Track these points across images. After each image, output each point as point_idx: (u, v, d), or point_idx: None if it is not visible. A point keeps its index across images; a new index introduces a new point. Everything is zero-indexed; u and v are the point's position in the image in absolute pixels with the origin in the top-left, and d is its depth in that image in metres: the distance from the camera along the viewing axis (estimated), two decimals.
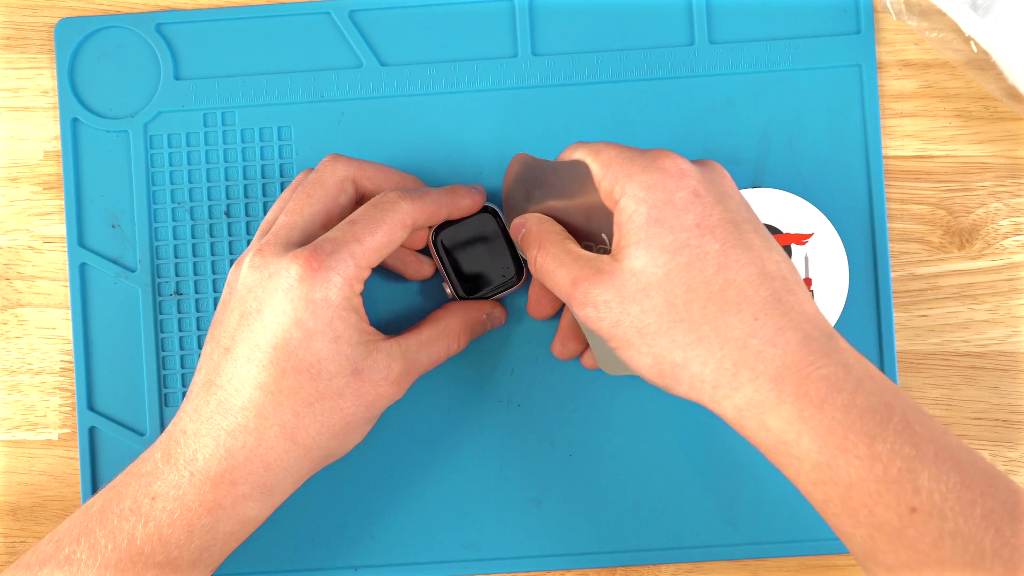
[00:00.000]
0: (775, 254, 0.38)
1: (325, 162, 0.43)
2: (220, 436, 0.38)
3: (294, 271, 0.38)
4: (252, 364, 0.38)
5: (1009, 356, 0.48)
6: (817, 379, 0.35)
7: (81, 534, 0.39)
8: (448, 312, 0.44)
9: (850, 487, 0.34)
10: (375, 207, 0.41)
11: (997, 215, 0.48)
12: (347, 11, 0.48)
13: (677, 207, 0.37)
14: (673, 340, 0.36)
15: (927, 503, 0.33)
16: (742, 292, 0.36)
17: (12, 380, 0.49)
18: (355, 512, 0.47)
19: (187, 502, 0.38)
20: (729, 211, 0.38)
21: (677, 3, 0.48)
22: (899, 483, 0.33)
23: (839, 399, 0.35)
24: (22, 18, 0.49)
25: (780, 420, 0.35)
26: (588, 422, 0.47)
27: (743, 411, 0.36)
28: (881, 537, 0.34)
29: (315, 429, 0.39)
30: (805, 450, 0.35)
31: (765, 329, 0.36)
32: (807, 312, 0.37)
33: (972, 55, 0.47)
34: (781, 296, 0.36)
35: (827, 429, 0.34)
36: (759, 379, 0.35)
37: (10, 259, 0.49)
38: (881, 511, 0.33)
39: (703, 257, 0.37)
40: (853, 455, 0.34)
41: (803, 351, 0.35)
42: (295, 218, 0.41)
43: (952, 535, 0.32)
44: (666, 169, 0.38)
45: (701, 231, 0.37)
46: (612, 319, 0.37)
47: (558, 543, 0.47)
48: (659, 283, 0.37)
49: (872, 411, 0.34)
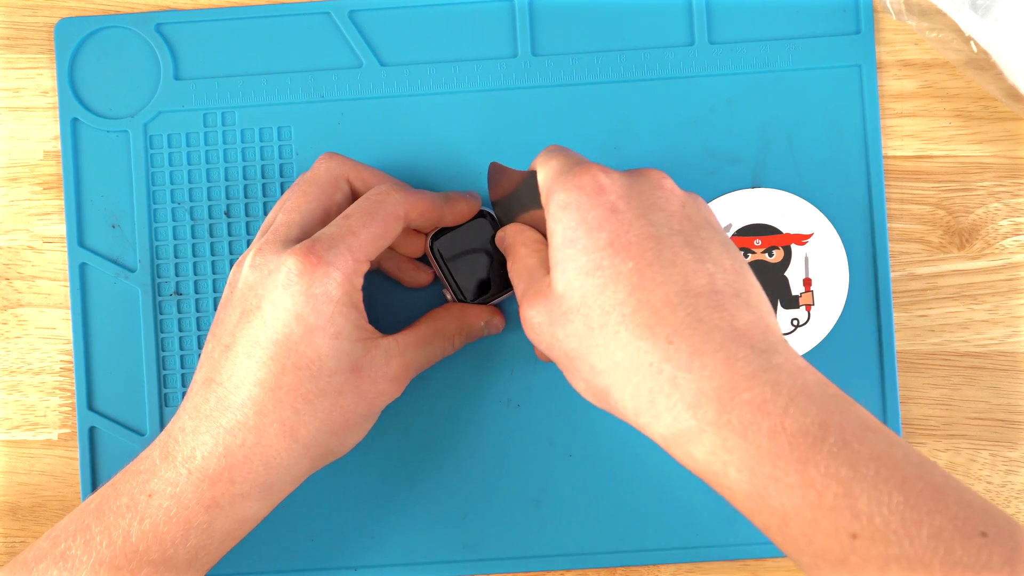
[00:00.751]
0: (708, 265, 0.35)
1: (320, 160, 0.43)
2: (219, 434, 0.38)
3: (293, 266, 0.38)
4: (252, 360, 0.38)
5: (1009, 356, 0.48)
6: (739, 404, 0.33)
7: (78, 531, 0.39)
8: (446, 313, 0.44)
9: (785, 517, 0.32)
10: (368, 200, 0.41)
11: (997, 215, 0.48)
12: (347, 11, 0.48)
13: (590, 226, 0.36)
14: (593, 367, 0.35)
15: (868, 528, 0.31)
16: (656, 313, 0.34)
17: (12, 380, 0.49)
18: (355, 512, 0.47)
19: (184, 500, 0.38)
20: (652, 225, 0.36)
21: (677, 3, 0.48)
22: (835, 510, 0.31)
23: (765, 425, 0.32)
24: (22, 18, 0.49)
25: (704, 451, 0.33)
26: (588, 422, 0.47)
27: (668, 440, 0.34)
28: (825, 566, 0.32)
29: (315, 426, 0.39)
30: (734, 481, 0.33)
31: (679, 354, 0.34)
32: (736, 328, 0.34)
33: (972, 55, 0.47)
34: (702, 315, 0.34)
35: (754, 458, 0.32)
36: (676, 407, 0.33)
37: (10, 259, 0.49)
38: (821, 539, 0.31)
39: (616, 278, 0.35)
40: (784, 484, 0.32)
41: (723, 375, 0.33)
42: (293, 216, 0.41)
43: (898, 559, 0.30)
44: (583, 187, 0.36)
45: (615, 250, 0.35)
46: (546, 341, 0.37)
47: (558, 543, 0.47)
48: (577, 307, 0.35)
49: (803, 433, 0.32)
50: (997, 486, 0.47)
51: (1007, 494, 0.47)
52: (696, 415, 0.33)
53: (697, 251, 0.36)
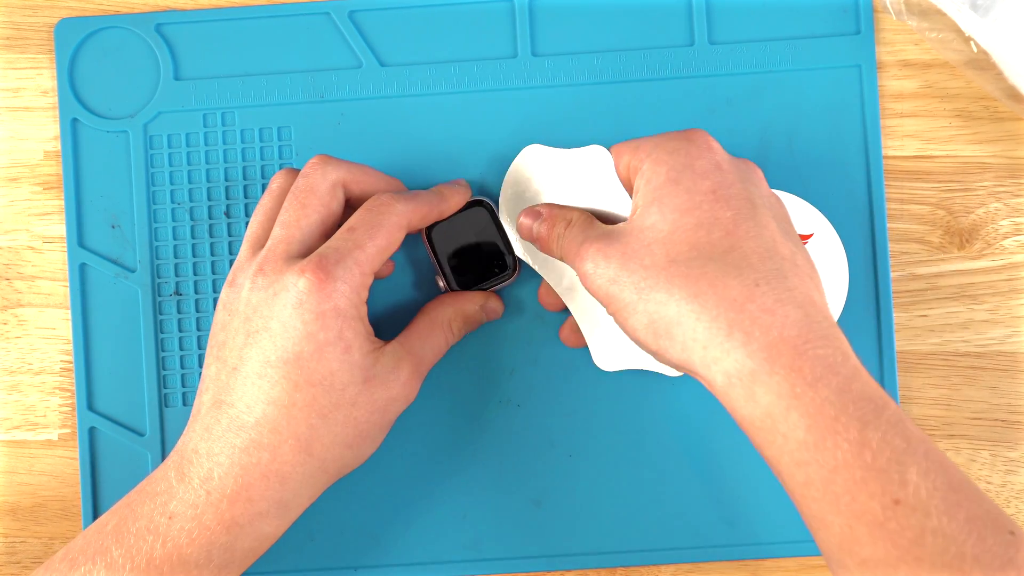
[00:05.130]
0: (791, 243, 0.37)
1: (314, 165, 0.42)
2: (234, 454, 0.38)
3: (302, 285, 0.38)
4: (264, 380, 0.38)
5: (1009, 356, 0.48)
6: (813, 357, 0.34)
7: (97, 553, 0.38)
8: (438, 302, 0.45)
9: (835, 470, 0.33)
10: (371, 211, 0.40)
11: (997, 215, 0.48)
12: (347, 11, 0.48)
13: (696, 172, 0.37)
14: (670, 293, 0.36)
15: (912, 497, 0.32)
16: (747, 258, 0.36)
17: (12, 380, 0.49)
18: (355, 512, 0.47)
19: (205, 521, 0.38)
20: (749, 191, 0.38)
21: (677, 3, 0.48)
22: (887, 472, 0.32)
23: (834, 381, 0.34)
24: (22, 18, 0.49)
25: (770, 392, 0.34)
26: (588, 422, 0.47)
27: (732, 378, 0.35)
28: (861, 527, 0.33)
29: (329, 440, 0.39)
30: (792, 426, 0.34)
31: (765, 297, 0.35)
32: (812, 297, 0.36)
33: (972, 55, 0.47)
34: (787, 274, 0.36)
35: (818, 408, 0.33)
36: (752, 344, 0.34)
37: (10, 259, 0.49)
38: (864, 499, 0.33)
39: (712, 221, 0.36)
40: (843, 438, 0.33)
41: (802, 327, 0.35)
42: (293, 231, 0.40)
43: (934, 533, 0.32)
44: (693, 139, 0.38)
45: (715, 198, 0.37)
46: (611, 275, 0.37)
47: (558, 543, 0.47)
48: (664, 239, 0.37)
49: (866, 399, 0.34)
50: (997, 486, 0.47)
51: (1007, 494, 0.47)
52: (770, 356, 0.34)
53: (783, 227, 0.38)
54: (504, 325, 0.47)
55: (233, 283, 0.40)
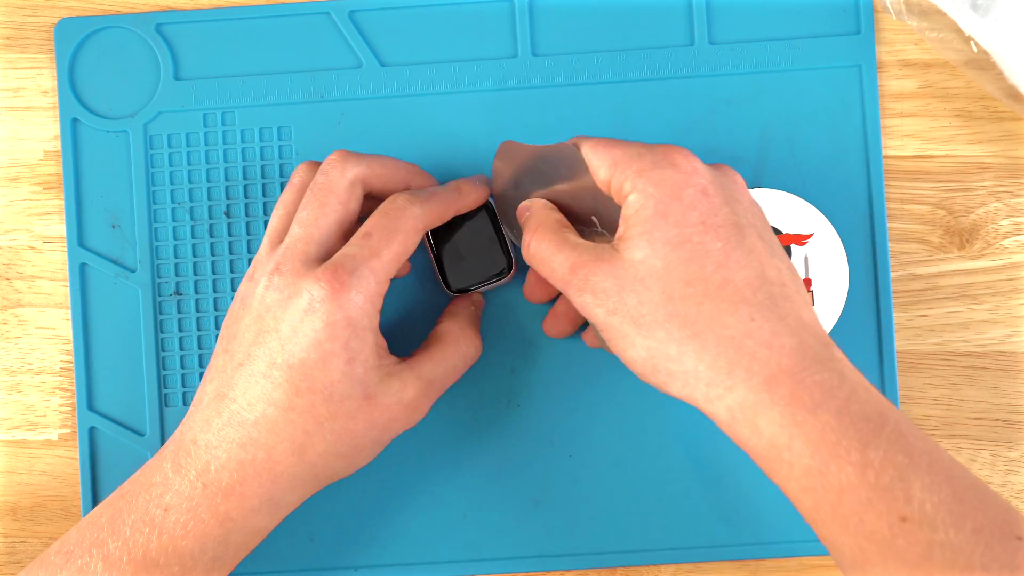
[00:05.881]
0: (776, 260, 0.38)
1: (333, 162, 0.41)
2: (232, 449, 0.39)
3: (316, 293, 0.38)
4: (268, 381, 0.38)
5: (1009, 356, 0.48)
6: (811, 384, 0.35)
7: (92, 545, 0.39)
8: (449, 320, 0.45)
9: (841, 493, 0.34)
10: (386, 216, 0.40)
11: (997, 215, 0.48)
12: (347, 11, 0.48)
13: (684, 203, 0.37)
14: (669, 333, 0.36)
15: (918, 513, 0.33)
16: (740, 292, 0.36)
17: (12, 380, 0.49)
18: (355, 512, 0.47)
19: (199, 514, 0.38)
20: (735, 214, 0.38)
21: (677, 3, 0.48)
22: (891, 491, 0.33)
23: (833, 405, 0.34)
24: (22, 18, 0.49)
25: (772, 423, 0.35)
26: (588, 422, 0.47)
27: (735, 412, 0.36)
28: (870, 546, 0.33)
29: (323, 448, 0.39)
30: (797, 454, 0.35)
31: (761, 331, 0.36)
32: (803, 319, 0.37)
33: (972, 55, 0.47)
34: (778, 301, 0.36)
35: (819, 434, 0.34)
36: (753, 379, 0.35)
37: (10, 259, 0.49)
38: (871, 519, 0.33)
39: (704, 254, 0.37)
40: (845, 461, 0.34)
41: (798, 356, 0.35)
42: (311, 231, 0.40)
43: (942, 546, 0.32)
44: (677, 165, 0.38)
45: (704, 228, 0.37)
46: (609, 307, 0.37)
47: (558, 543, 0.47)
48: (657, 275, 0.37)
49: (866, 419, 0.34)
50: (997, 486, 0.47)
51: (1007, 494, 0.47)
52: (770, 389, 0.35)
53: (768, 245, 0.38)
54: (504, 325, 0.47)
55: (252, 277, 0.41)
